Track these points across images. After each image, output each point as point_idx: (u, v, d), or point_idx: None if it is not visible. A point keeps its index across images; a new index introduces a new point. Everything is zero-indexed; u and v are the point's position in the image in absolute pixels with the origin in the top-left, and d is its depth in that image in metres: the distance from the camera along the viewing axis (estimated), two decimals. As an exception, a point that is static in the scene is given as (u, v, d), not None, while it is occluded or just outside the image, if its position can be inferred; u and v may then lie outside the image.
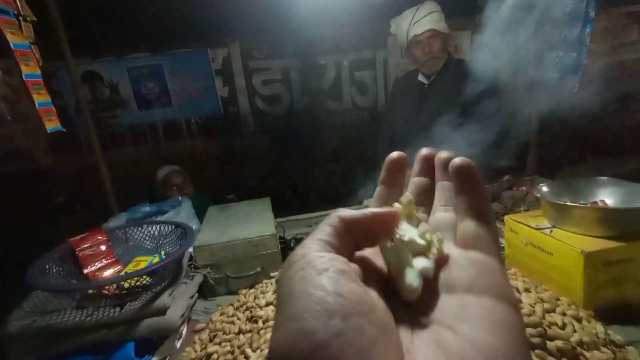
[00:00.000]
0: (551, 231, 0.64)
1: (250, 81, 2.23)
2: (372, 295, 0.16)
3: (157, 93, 2.22)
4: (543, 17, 0.96)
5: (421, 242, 0.17)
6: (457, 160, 0.18)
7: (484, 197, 0.18)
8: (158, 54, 2.14)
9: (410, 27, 1.17)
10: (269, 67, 2.23)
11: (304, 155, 2.14)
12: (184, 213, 0.94)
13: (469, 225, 0.18)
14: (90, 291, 0.64)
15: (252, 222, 0.86)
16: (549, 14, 0.98)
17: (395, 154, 0.22)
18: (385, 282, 0.18)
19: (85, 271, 0.71)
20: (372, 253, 0.19)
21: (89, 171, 1.52)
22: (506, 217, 0.75)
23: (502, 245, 0.80)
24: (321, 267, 0.15)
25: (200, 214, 0.98)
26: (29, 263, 0.65)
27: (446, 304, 0.16)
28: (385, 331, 0.14)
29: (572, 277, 0.60)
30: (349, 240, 0.18)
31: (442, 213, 0.20)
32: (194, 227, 0.93)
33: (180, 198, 1.00)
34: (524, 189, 0.97)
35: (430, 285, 0.17)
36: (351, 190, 1.45)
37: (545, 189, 0.72)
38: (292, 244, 0.89)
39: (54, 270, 0.67)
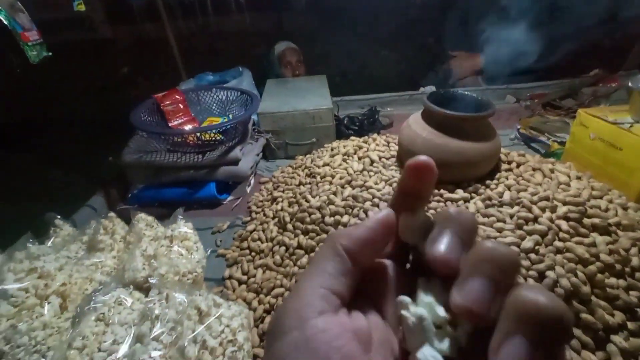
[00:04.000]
0: (631, 126, 0.60)
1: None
2: None
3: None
4: None
5: (444, 315, 0.14)
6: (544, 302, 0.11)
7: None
8: None
9: None
10: None
11: (358, 39, 1.96)
12: (245, 83, 0.99)
13: None
14: (177, 139, 0.76)
15: (310, 96, 0.89)
16: None
17: (422, 159, 0.15)
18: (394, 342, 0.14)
19: (170, 124, 0.83)
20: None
21: (157, 40, 1.55)
22: (580, 110, 0.69)
23: (564, 141, 0.77)
24: (322, 351, 0.12)
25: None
26: (128, 112, 0.76)
27: None
28: None
29: (633, 173, 0.59)
30: (356, 273, 0.14)
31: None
32: (254, 98, 0.98)
33: (240, 69, 1.03)
34: (614, 85, 0.85)
35: None
36: (410, 78, 1.37)
37: (643, 79, 0.64)
38: (345, 121, 0.93)
39: (148, 119, 0.79)
